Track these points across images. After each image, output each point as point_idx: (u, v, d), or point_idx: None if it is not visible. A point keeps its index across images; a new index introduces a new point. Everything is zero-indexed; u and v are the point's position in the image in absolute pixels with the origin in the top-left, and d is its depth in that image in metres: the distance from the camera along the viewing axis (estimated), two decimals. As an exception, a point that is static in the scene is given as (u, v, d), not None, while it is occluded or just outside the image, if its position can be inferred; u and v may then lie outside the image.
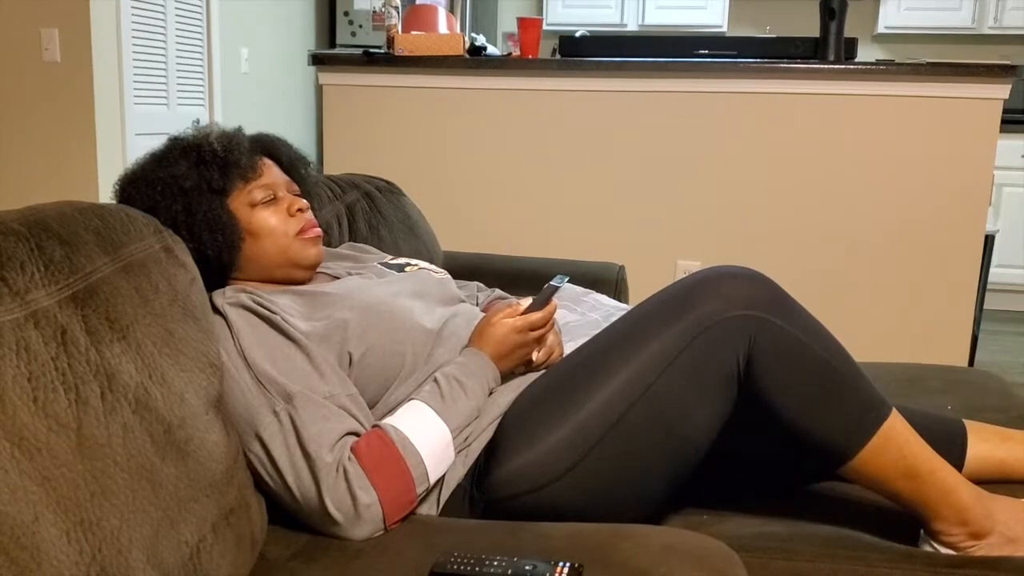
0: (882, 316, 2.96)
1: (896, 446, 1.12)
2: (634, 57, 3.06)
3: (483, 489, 1.18)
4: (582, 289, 1.94)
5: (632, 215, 3.10)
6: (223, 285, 1.28)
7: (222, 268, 1.28)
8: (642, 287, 2.06)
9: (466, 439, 1.19)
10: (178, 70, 4.10)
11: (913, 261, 2.91)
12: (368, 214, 1.97)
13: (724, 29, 5.46)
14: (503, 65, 3.11)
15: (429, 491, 1.16)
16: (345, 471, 1.08)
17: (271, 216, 1.30)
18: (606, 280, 2.23)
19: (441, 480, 1.18)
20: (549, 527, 1.09)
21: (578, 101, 3.07)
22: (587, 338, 1.28)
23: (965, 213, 2.86)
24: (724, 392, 1.15)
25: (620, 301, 2.08)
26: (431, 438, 1.14)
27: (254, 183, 1.30)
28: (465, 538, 1.07)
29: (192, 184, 1.24)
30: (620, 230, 3.12)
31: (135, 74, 3.78)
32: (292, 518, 1.12)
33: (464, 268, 2.12)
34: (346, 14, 5.27)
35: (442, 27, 3.37)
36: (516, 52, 3.25)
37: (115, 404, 0.85)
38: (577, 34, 3.46)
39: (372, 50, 3.20)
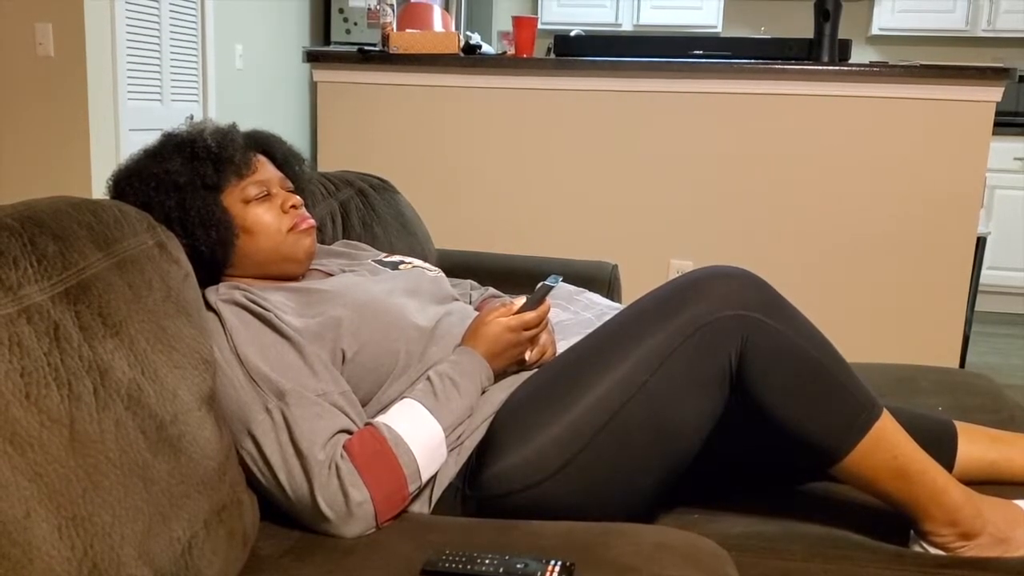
0: (874, 317, 2.97)
1: (887, 446, 1.12)
2: (629, 57, 3.06)
3: (475, 487, 1.18)
4: (575, 288, 1.94)
5: (625, 214, 3.11)
6: (216, 281, 1.28)
7: (216, 264, 1.27)
8: (635, 286, 2.07)
9: (459, 437, 1.19)
10: (172, 66, 4.08)
11: (905, 262, 2.92)
12: (362, 212, 1.96)
13: (719, 29, 5.48)
14: (498, 64, 3.11)
15: (421, 489, 1.16)
16: (337, 469, 1.08)
17: (265, 212, 1.30)
18: (599, 279, 2.23)
19: (433, 478, 1.18)
20: (541, 525, 1.09)
21: (572, 100, 3.07)
22: (580, 337, 1.28)
23: (957, 215, 2.87)
24: (716, 392, 1.15)
25: (613, 300, 2.08)
26: (424, 436, 1.14)
27: (248, 179, 1.30)
28: (457, 536, 1.07)
29: (186, 180, 1.24)
30: (613, 229, 3.13)
31: (129, 69, 3.76)
32: (284, 515, 1.11)
33: (458, 266, 2.12)
34: (341, 11, 5.26)
35: (437, 25, 3.37)
36: (511, 51, 3.25)
37: (108, 400, 0.85)
38: (572, 33, 3.45)
39: (367, 47, 3.20)
